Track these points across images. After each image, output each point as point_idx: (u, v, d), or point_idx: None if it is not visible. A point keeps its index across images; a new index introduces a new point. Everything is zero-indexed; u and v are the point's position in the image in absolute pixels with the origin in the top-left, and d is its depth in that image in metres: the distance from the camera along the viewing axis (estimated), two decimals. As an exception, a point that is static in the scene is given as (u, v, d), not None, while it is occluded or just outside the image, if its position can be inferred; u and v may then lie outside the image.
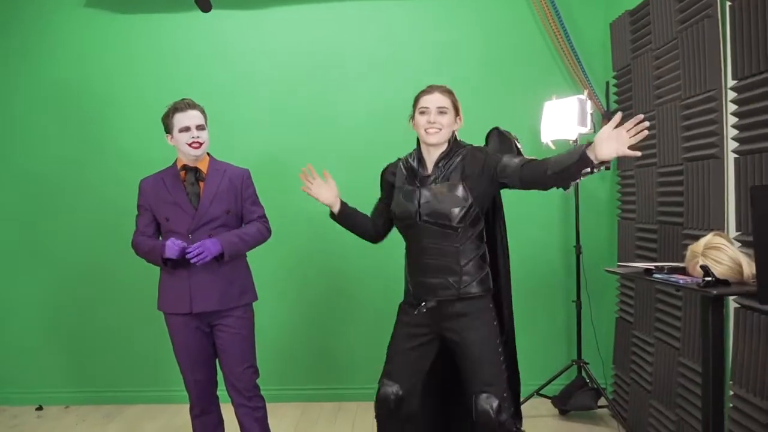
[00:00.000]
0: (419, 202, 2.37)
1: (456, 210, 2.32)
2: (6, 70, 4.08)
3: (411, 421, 2.46)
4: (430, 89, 2.44)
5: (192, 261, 2.55)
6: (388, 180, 2.55)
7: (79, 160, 4.08)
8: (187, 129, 2.64)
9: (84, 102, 4.07)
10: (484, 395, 2.29)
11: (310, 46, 4.03)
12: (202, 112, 2.72)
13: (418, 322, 2.43)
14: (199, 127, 2.67)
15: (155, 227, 2.75)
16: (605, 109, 3.85)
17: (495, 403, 2.28)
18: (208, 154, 2.80)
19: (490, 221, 2.54)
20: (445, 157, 2.41)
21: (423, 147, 2.46)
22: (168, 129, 2.69)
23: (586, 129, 3.57)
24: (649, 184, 3.24)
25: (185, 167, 2.73)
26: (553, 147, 3.70)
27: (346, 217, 2.57)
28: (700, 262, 2.06)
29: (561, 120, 3.56)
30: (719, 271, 2.02)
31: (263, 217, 2.86)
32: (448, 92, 2.44)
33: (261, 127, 4.04)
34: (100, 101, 4.06)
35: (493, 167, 2.35)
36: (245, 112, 4.02)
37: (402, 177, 2.47)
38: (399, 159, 2.55)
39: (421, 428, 2.53)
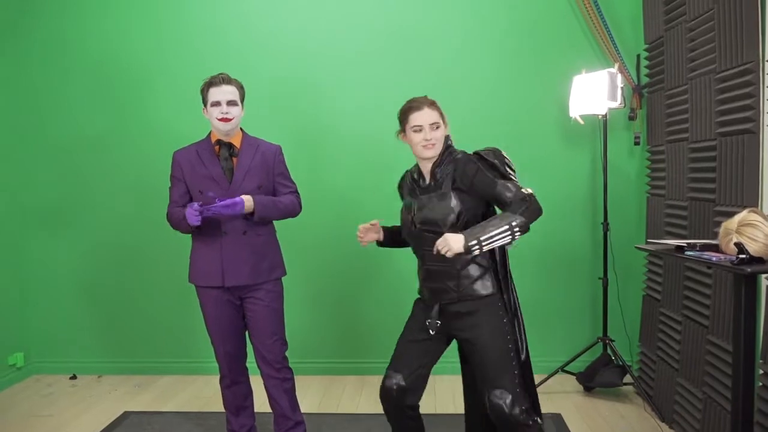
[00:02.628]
0: (414, 212, 2.45)
1: (447, 218, 2.34)
2: (37, 45, 4.12)
3: (414, 411, 2.48)
4: (417, 105, 2.41)
5: (218, 208, 2.53)
6: (401, 193, 2.64)
7: (112, 132, 4.13)
8: (218, 104, 2.66)
9: (116, 76, 4.10)
10: (497, 391, 2.30)
11: (335, 23, 4.00)
12: (239, 87, 2.73)
13: (427, 319, 2.47)
14: (230, 103, 2.68)
15: (189, 199, 2.77)
16: (636, 83, 3.77)
17: (508, 399, 2.29)
18: (241, 129, 2.81)
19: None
20: (439, 165, 2.43)
21: (419, 159, 2.49)
22: (204, 102, 2.72)
23: (617, 103, 3.51)
24: (680, 159, 3.18)
25: (219, 142, 2.75)
26: (581, 122, 3.65)
27: (389, 241, 2.65)
28: (734, 240, 2.02)
29: (591, 94, 3.50)
30: (754, 248, 1.98)
31: (295, 193, 2.88)
32: (434, 104, 2.43)
33: (286, 102, 4.04)
34: (130, 77, 4.10)
35: (481, 189, 2.34)
36: (269, 86, 4.01)
37: (407, 189, 2.56)
38: (407, 171, 2.62)
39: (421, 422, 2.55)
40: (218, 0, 4.03)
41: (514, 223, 2.22)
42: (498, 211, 2.41)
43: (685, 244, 2.28)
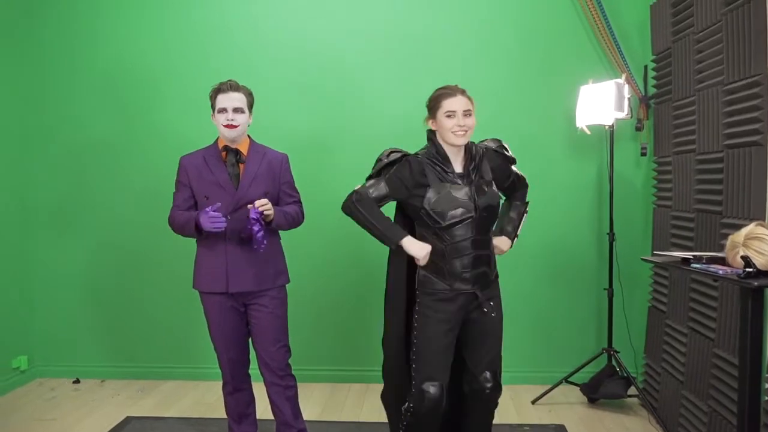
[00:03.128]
0: (475, 198, 2.44)
1: (499, 204, 2.57)
2: (48, 52, 4.15)
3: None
4: (451, 91, 2.48)
5: (258, 216, 2.57)
6: (418, 180, 2.46)
7: (118, 136, 4.14)
8: (224, 110, 2.67)
9: (123, 81, 4.13)
10: (488, 373, 2.53)
11: (343, 27, 4.02)
12: (247, 94, 2.74)
13: (452, 316, 2.47)
14: (237, 110, 2.68)
15: (193, 205, 2.78)
16: (643, 93, 3.77)
17: (495, 381, 2.55)
18: (249, 136, 2.82)
19: None
20: (474, 156, 2.54)
21: (447, 146, 2.50)
22: (212, 108, 2.73)
23: (623, 114, 3.51)
24: (687, 171, 3.17)
25: (226, 148, 2.76)
26: (588, 132, 3.65)
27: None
28: (741, 253, 2.01)
29: (597, 105, 3.49)
30: (761, 262, 1.97)
31: (299, 203, 2.89)
32: (466, 92, 2.51)
33: (293, 109, 4.05)
34: (137, 80, 4.12)
35: (503, 178, 2.65)
36: (277, 93, 4.02)
37: (435, 175, 2.47)
38: (416, 157, 2.50)
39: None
40: (226, 5, 4.05)
41: (525, 209, 2.78)
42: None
43: (691, 257, 2.27)
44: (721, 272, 2.03)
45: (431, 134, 2.55)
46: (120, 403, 3.80)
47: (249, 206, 2.59)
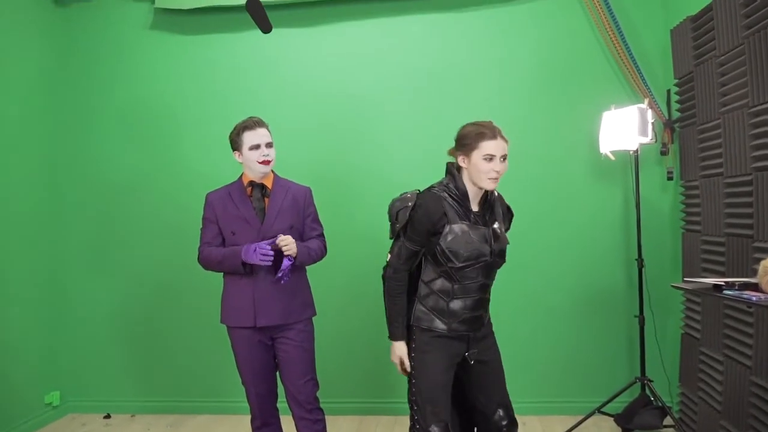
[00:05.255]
0: (491, 241, 2.39)
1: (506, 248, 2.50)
2: (82, 89, 4.30)
3: None
4: (491, 132, 2.34)
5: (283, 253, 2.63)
6: (438, 221, 2.36)
7: (142, 176, 4.25)
8: (257, 147, 2.72)
9: (149, 118, 4.24)
10: (502, 411, 2.48)
11: (362, 62, 4.09)
12: (269, 129, 2.79)
13: (450, 355, 2.43)
14: (269, 145, 2.74)
15: (221, 241, 2.81)
16: (667, 117, 3.75)
17: (513, 413, 2.50)
18: (272, 171, 2.87)
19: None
20: (490, 197, 2.48)
21: (470, 185, 2.41)
22: (236, 147, 2.77)
23: (648, 139, 3.48)
24: (715, 195, 3.13)
25: (252, 183, 2.80)
26: (612, 158, 3.63)
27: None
28: (774, 278, 1.97)
29: (621, 130, 3.48)
30: (795, 287, 1.92)
31: (322, 236, 2.91)
32: (502, 132, 2.40)
33: (314, 144, 4.11)
34: (163, 118, 4.23)
35: (506, 228, 2.58)
36: (299, 128, 4.09)
37: (454, 213, 2.37)
38: (432, 193, 2.40)
39: None
40: (247, 43, 4.14)
41: None
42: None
43: (723, 283, 2.22)
44: (754, 299, 1.99)
45: (453, 168, 2.44)
46: (150, 438, 3.82)
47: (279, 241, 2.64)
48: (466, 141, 2.37)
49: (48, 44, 4.22)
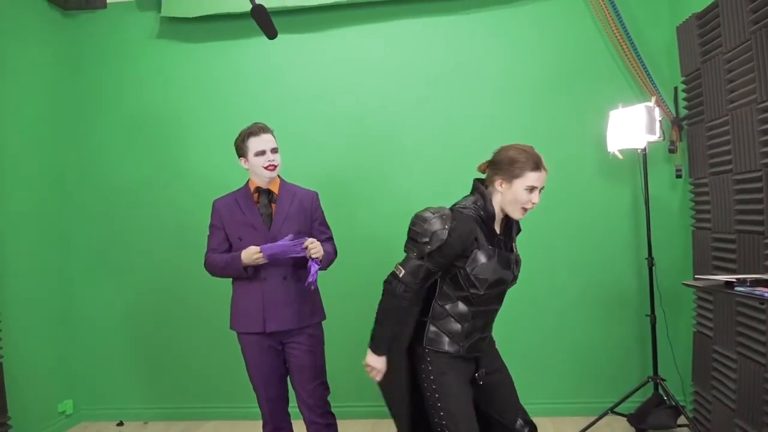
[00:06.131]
0: (513, 267, 2.35)
1: None
2: (89, 97, 4.33)
3: None
4: (538, 164, 2.24)
5: (284, 247, 2.63)
6: (468, 245, 2.24)
7: (149, 182, 4.27)
8: (262, 152, 2.73)
9: (156, 125, 4.27)
10: (522, 416, 2.48)
11: (366, 67, 4.09)
12: (273, 135, 2.80)
13: (467, 373, 2.40)
14: (274, 150, 2.75)
15: (228, 247, 2.82)
16: (674, 115, 3.73)
17: (529, 417, 2.50)
18: (278, 176, 2.88)
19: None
20: (510, 220, 2.38)
21: (498, 208, 2.31)
22: (242, 153, 2.78)
23: (655, 137, 3.47)
24: (725, 191, 3.11)
25: (258, 189, 2.81)
26: (620, 156, 3.61)
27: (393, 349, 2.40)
28: (786, 274, 1.95)
29: (628, 129, 3.47)
30: (808, 283, 1.91)
31: (332, 239, 2.92)
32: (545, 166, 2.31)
33: (321, 150, 4.12)
34: (169, 124, 4.25)
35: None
36: (304, 134, 4.11)
37: (483, 237, 2.27)
38: (463, 215, 2.27)
39: None
40: (253, 49, 4.15)
41: None
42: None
43: (734, 280, 2.21)
44: (767, 295, 1.97)
45: (483, 188, 2.31)
46: (163, 445, 3.83)
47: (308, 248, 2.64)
48: (509, 166, 2.24)
49: (56, 53, 4.25)
